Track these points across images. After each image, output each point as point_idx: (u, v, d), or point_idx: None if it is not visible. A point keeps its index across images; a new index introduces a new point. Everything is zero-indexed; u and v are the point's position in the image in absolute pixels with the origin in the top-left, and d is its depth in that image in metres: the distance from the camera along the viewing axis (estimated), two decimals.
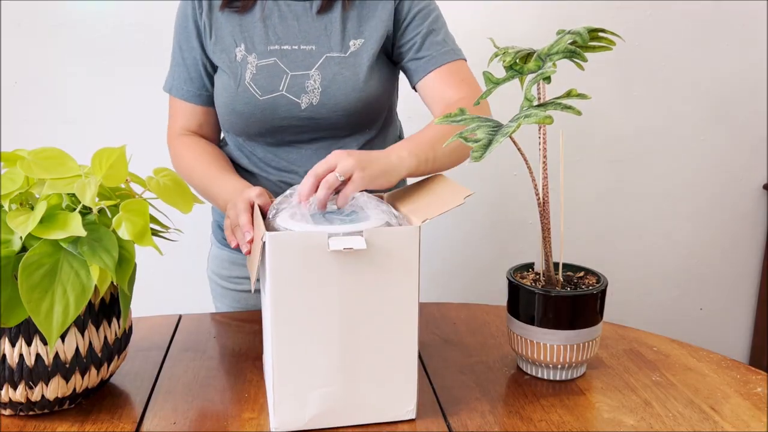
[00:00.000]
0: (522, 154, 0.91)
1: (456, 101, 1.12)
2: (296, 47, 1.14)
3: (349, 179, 0.89)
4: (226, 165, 1.18)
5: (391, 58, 1.20)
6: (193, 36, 1.18)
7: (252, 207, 0.93)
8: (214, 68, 1.19)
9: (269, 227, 0.87)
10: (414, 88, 1.21)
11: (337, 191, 0.89)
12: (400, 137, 1.32)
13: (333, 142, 1.18)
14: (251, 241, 0.87)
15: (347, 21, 1.15)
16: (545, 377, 0.97)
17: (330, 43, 1.14)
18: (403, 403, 0.86)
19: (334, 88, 1.13)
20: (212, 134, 1.26)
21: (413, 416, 0.87)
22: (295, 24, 1.15)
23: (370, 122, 1.20)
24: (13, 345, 0.81)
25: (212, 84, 1.20)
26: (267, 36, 1.15)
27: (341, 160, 0.89)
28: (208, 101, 1.21)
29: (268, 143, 1.20)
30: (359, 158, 0.90)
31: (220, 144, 1.28)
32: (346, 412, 0.85)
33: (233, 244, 0.92)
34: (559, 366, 0.95)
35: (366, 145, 1.21)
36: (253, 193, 0.95)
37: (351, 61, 1.14)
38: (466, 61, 1.19)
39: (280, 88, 1.13)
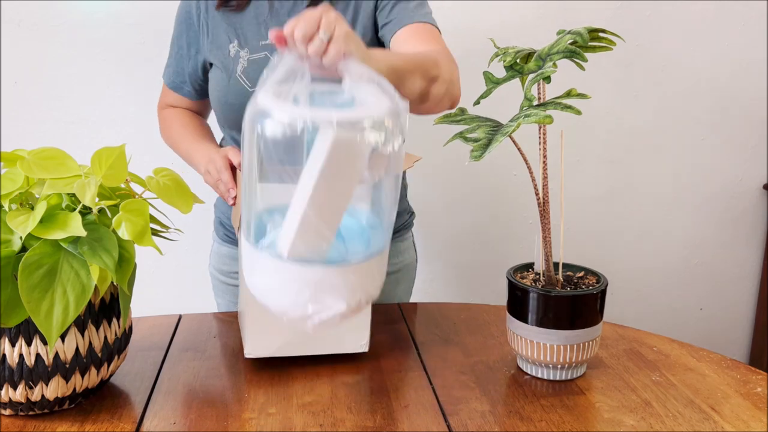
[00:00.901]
0: (522, 154, 0.92)
1: (426, 52, 1.05)
2: None
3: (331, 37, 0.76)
4: (207, 133, 1.29)
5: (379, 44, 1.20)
6: (192, 33, 1.23)
7: (230, 164, 1.05)
8: (209, 65, 1.24)
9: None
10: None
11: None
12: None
13: None
14: (236, 197, 1.02)
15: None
16: (545, 377, 0.97)
17: None
18: (358, 337, 1.00)
19: None
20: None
21: (366, 350, 1.01)
22: (286, 19, 1.16)
23: None
24: (13, 345, 0.81)
25: (205, 81, 1.26)
26: (259, 32, 1.19)
27: (324, 14, 0.76)
28: (196, 96, 1.29)
29: None
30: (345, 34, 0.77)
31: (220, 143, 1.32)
32: (309, 343, 0.99)
33: (222, 196, 1.06)
34: (559, 366, 0.95)
35: None
36: (230, 151, 1.07)
37: None
38: (433, 25, 1.16)
39: None
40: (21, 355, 0.81)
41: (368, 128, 0.69)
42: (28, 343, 0.81)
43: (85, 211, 0.83)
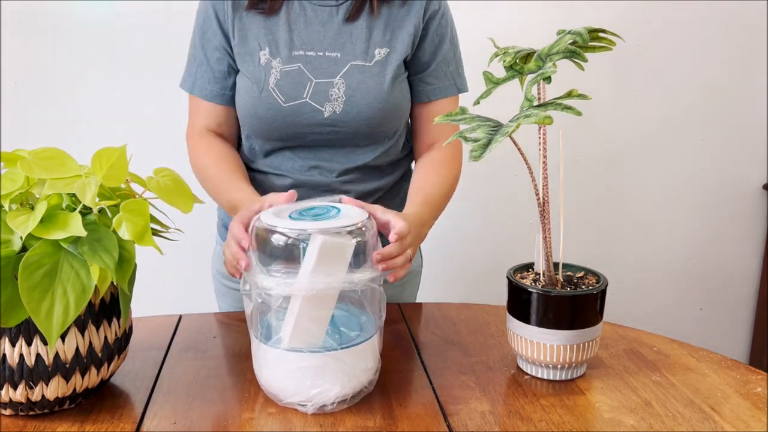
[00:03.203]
0: (522, 154, 0.91)
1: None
2: (321, 53, 1.14)
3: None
4: (239, 171, 1.18)
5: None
6: (218, 36, 1.16)
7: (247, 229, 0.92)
8: (238, 69, 1.18)
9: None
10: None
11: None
12: (407, 141, 1.32)
13: (351, 149, 1.19)
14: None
15: (373, 29, 1.15)
16: (545, 377, 0.97)
17: (355, 50, 1.14)
18: None
19: (358, 97, 1.13)
20: (232, 133, 1.25)
21: None
22: (320, 29, 1.14)
23: (390, 130, 1.20)
24: (13, 345, 0.81)
25: (232, 86, 1.19)
26: (292, 40, 1.14)
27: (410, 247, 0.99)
28: (231, 101, 1.20)
29: (287, 146, 1.19)
30: (415, 243, 1.03)
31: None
32: None
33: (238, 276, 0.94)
34: (559, 366, 0.95)
35: (383, 155, 1.22)
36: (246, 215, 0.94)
37: (375, 71, 1.14)
38: (463, 92, 1.25)
39: (304, 96, 1.13)
40: (21, 355, 0.81)
41: (347, 233, 0.85)
42: (29, 343, 0.81)
43: (86, 211, 0.83)
